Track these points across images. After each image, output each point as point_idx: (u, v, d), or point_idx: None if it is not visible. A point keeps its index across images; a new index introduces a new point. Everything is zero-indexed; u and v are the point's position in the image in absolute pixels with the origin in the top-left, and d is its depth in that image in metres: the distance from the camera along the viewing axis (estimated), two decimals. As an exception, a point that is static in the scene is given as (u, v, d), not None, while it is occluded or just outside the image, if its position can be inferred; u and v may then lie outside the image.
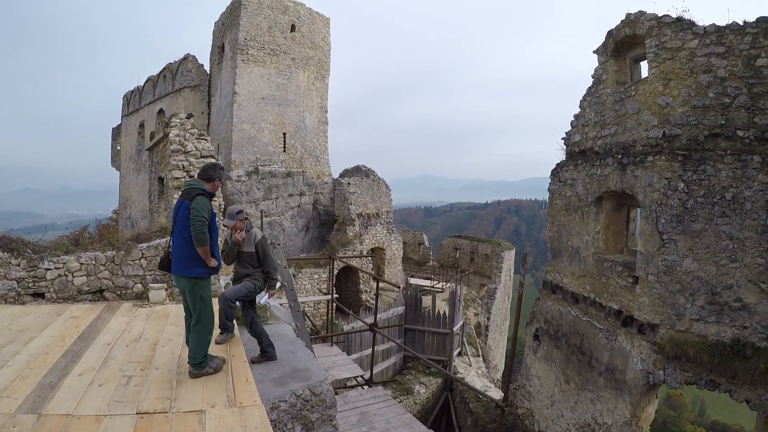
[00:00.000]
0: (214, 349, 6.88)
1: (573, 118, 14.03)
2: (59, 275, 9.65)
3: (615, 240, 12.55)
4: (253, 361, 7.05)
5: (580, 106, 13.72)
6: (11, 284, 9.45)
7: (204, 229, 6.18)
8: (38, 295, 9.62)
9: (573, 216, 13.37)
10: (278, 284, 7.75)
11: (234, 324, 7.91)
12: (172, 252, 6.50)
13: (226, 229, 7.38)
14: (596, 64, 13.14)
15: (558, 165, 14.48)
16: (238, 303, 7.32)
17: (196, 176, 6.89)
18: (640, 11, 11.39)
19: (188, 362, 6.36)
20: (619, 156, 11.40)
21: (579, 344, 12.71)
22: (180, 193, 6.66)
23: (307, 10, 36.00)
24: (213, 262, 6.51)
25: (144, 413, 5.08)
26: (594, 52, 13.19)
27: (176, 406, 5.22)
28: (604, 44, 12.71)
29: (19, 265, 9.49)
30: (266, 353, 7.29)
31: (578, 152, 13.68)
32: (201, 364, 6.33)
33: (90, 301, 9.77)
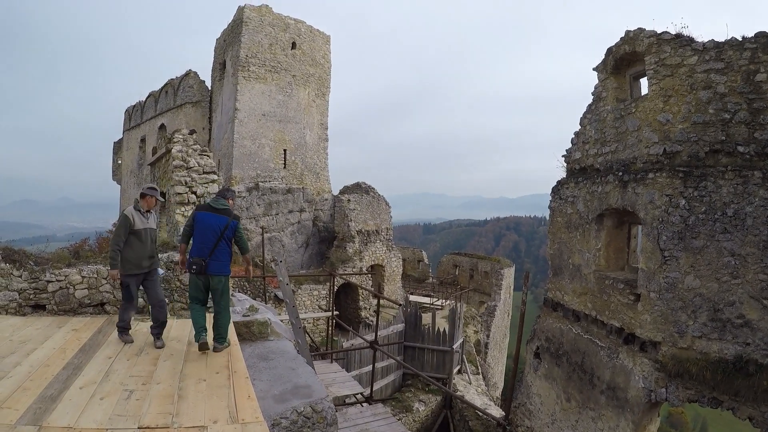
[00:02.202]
0: (216, 365, 6.87)
1: (573, 136, 14.04)
2: (61, 287, 9.60)
3: (616, 257, 12.50)
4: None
5: (580, 124, 13.73)
6: (12, 295, 9.39)
7: (247, 243, 8.11)
8: (39, 307, 9.56)
9: (574, 233, 13.33)
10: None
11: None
12: (217, 257, 7.66)
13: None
14: (596, 81, 13.16)
15: (559, 182, 14.46)
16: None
17: (216, 195, 8.27)
18: (639, 28, 11.43)
19: (213, 340, 7.67)
20: (620, 173, 11.39)
21: (580, 362, 12.62)
22: (211, 208, 7.92)
23: (307, 28, 36.29)
24: (251, 264, 8.39)
25: (146, 428, 5.01)
26: (594, 69, 13.22)
27: (178, 421, 5.16)
28: (604, 61, 12.74)
29: (20, 276, 9.45)
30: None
31: (579, 169, 13.67)
32: (223, 338, 7.68)
33: (91, 314, 9.70)
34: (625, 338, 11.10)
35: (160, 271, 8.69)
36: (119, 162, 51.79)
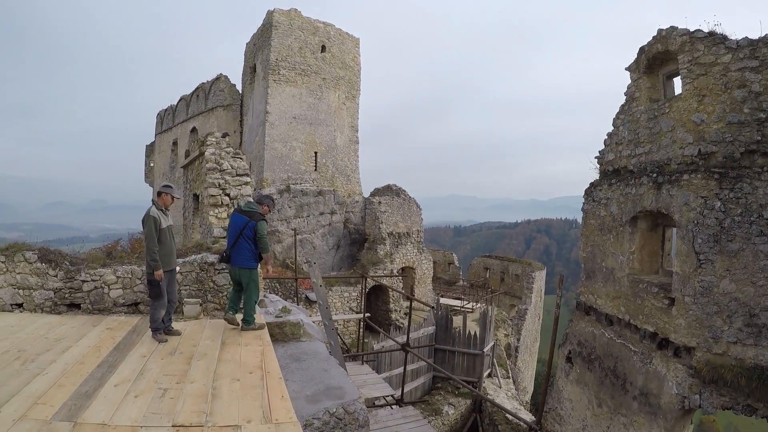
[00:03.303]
0: (249, 365, 6.93)
1: (606, 137, 13.88)
2: (95, 287, 9.76)
3: (650, 260, 12.32)
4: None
5: (613, 125, 13.57)
6: (48, 294, 9.61)
7: (268, 244, 8.84)
8: (74, 306, 9.74)
9: (607, 236, 13.18)
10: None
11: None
12: (237, 252, 8.72)
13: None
14: (629, 81, 13.00)
15: (592, 184, 14.30)
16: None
17: (253, 200, 9.44)
18: (671, 27, 11.25)
19: (241, 320, 8.76)
20: (654, 175, 11.23)
21: (613, 367, 12.46)
22: (239, 209, 9.04)
23: (336, 31, 36.44)
24: (270, 264, 9.33)
25: (180, 426, 5.03)
26: (626, 69, 13.06)
27: (212, 420, 5.18)
28: (637, 61, 12.58)
29: (56, 276, 9.65)
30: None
31: (612, 171, 13.51)
32: (247, 321, 8.66)
33: (125, 313, 9.83)
34: (658, 343, 10.93)
35: (177, 269, 8.93)
36: (151, 165, 52.43)
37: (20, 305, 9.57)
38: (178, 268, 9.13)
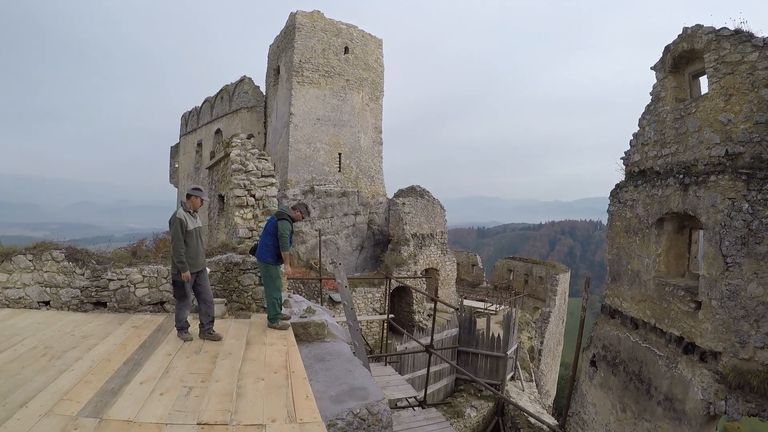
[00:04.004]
0: (274, 364, 6.97)
1: (632, 137, 13.75)
2: (121, 286, 9.91)
3: (677, 263, 12.17)
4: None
5: (639, 125, 13.45)
6: (75, 292, 9.80)
7: (286, 242, 9.03)
8: (100, 304, 9.90)
9: (633, 238, 13.06)
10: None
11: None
12: (260, 246, 9.24)
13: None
14: (654, 80, 12.88)
15: (617, 185, 14.18)
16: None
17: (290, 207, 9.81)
18: (697, 25, 11.11)
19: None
20: (681, 176, 11.10)
21: (638, 371, 12.33)
22: (273, 212, 9.83)
23: (359, 32, 36.55)
24: (288, 263, 9.36)
25: (204, 424, 5.09)
26: (652, 68, 12.92)
27: (237, 419, 5.22)
28: (662, 60, 12.45)
29: (83, 274, 9.82)
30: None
31: (638, 172, 13.38)
32: (271, 319, 9.03)
33: (151, 312, 9.96)
34: (684, 348, 10.78)
35: (207, 269, 8.95)
36: (176, 166, 52.90)
37: (47, 303, 9.77)
38: (209, 270, 9.15)
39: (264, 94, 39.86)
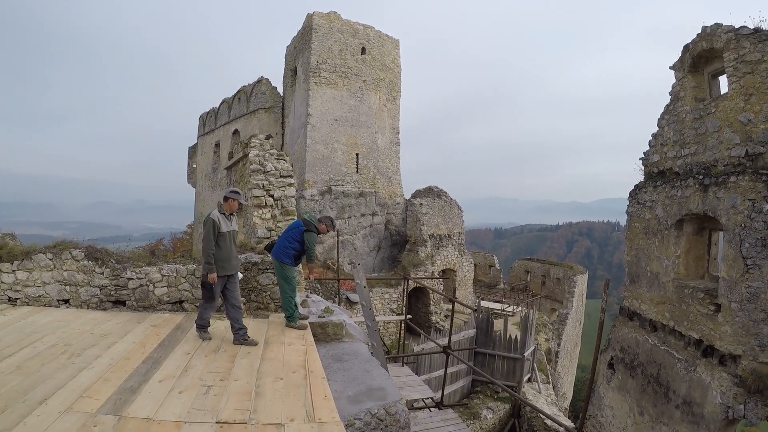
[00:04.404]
0: (292, 364, 7.01)
1: (651, 138, 13.65)
2: (141, 285, 9.99)
3: (696, 265, 12.07)
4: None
5: (658, 125, 13.36)
6: (94, 291, 9.92)
7: (313, 255, 9.35)
8: (119, 303, 9.99)
9: (652, 239, 12.97)
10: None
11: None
12: (278, 244, 9.24)
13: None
14: (674, 80, 12.79)
15: (636, 186, 14.09)
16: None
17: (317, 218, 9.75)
18: (716, 23, 11.02)
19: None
20: (700, 176, 11.01)
21: (656, 374, 12.24)
22: (302, 217, 9.72)
23: (376, 33, 36.57)
24: (309, 270, 9.95)
25: (223, 423, 5.12)
26: (671, 67, 12.83)
27: (255, 418, 5.23)
28: (681, 59, 12.36)
29: (102, 273, 9.93)
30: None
31: (657, 173, 13.29)
32: (288, 318, 9.07)
33: (169, 311, 10.02)
34: (703, 351, 10.69)
35: (239, 274, 8.94)
36: (194, 166, 53.20)
37: (66, 301, 9.88)
38: (240, 275, 9.15)
39: (281, 94, 39.96)
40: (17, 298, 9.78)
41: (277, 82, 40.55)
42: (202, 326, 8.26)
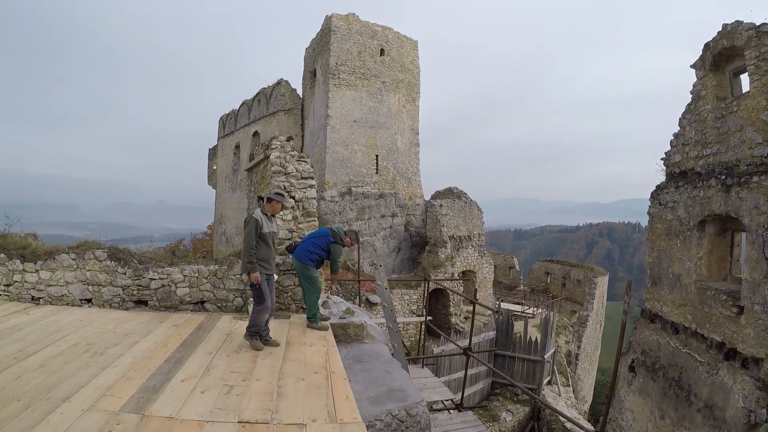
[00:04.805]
0: (314, 365, 7.07)
1: (672, 137, 13.55)
2: (163, 285, 10.15)
3: (718, 267, 11.95)
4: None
5: (679, 125, 13.25)
6: (117, 291, 10.12)
7: (338, 267, 9.59)
8: (141, 303, 10.17)
9: (674, 241, 12.87)
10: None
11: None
12: (302, 246, 9.22)
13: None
14: (695, 79, 12.69)
15: (658, 187, 13.98)
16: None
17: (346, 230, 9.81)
18: (736, 21, 10.91)
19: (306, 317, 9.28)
20: (723, 176, 10.91)
21: (677, 378, 12.13)
22: (329, 226, 9.72)
23: (395, 34, 36.60)
24: (332, 280, 10.22)
25: (245, 422, 5.16)
26: (691, 66, 12.72)
27: (277, 418, 5.26)
28: (702, 58, 12.25)
29: (125, 273, 10.12)
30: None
31: (679, 173, 13.19)
32: (310, 318, 9.12)
33: (191, 311, 10.16)
34: (726, 354, 10.57)
35: (275, 276, 8.97)
36: (214, 167, 53.52)
37: (89, 300, 10.08)
38: (276, 277, 9.13)
39: (301, 96, 40.06)
40: (40, 297, 10.00)
41: (297, 84, 40.76)
42: (256, 333, 7.99)
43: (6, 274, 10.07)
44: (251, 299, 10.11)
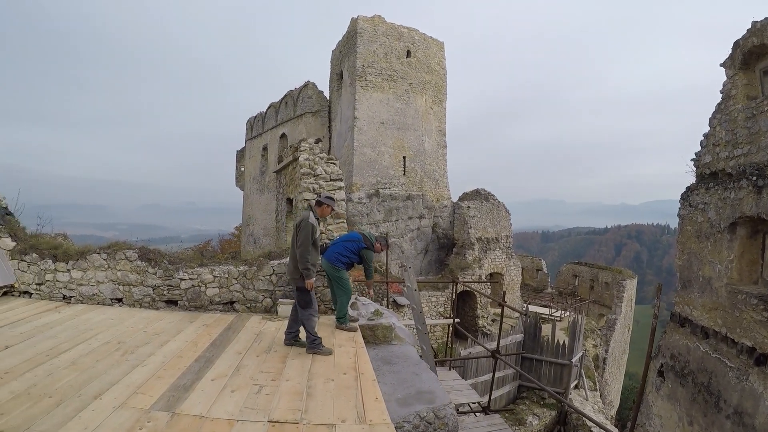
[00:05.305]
0: (343, 365, 7.15)
1: (702, 138, 13.39)
2: (192, 285, 10.30)
3: (750, 270, 11.77)
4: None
5: (709, 125, 13.09)
6: (147, 291, 10.31)
7: (372, 272, 9.62)
8: (171, 302, 10.34)
9: (704, 243, 12.72)
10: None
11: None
12: (333, 249, 9.09)
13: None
14: (725, 78, 12.54)
15: (688, 188, 13.82)
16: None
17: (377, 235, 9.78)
18: (766, 18, 10.79)
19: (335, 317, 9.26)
20: (754, 178, 10.75)
21: (707, 383, 11.98)
22: (362, 231, 9.64)
23: (421, 36, 36.63)
24: (371, 289, 10.35)
25: (275, 422, 5.21)
26: (721, 65, 12.55)
27: (307, 418, 5.31)
28: (731, 56, 12.08)
29: (155, 274, 10.31)
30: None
31: (709, 174, 13.02)
32: (339, 319, 9.10)
33: (221, 311, 10.29)
34: (756, 359, 10.42)
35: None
36: (242, 169, 53.92)
37: (120, 300, 10.30)
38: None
39: (327, 98, 40.25)
40: (72, 296, 10.23)
41: (323, 87, 40.98)
42: (315, 341, 7.86)
43: (38, 274, 10.35)
44: (280, 300, 10.24)
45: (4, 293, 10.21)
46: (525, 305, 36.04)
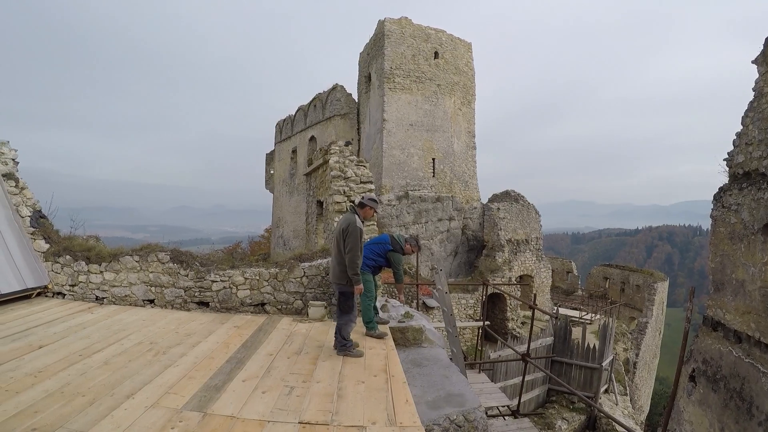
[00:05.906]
0: (374, 368, 7.20)
1: (735, 137, 13.20)
2: (224, 287, 10.46)
3: (784, 274, 11.64)
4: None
5: (742, 123, 12.87)
6: (179, 292, 10.51)
7: (402, 276, 9.61)
8: (203, 304, 10.51)
9: (738, 245, 12.54)
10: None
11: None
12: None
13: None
14: (756, 75, 12.34)
15: (721, 189, 13.61)
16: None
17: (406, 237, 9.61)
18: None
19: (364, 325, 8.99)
20: (788, 180, 10.63)
21: (739, 389, 11.83)
22: (391, 233, 9.60)
23: (448, 37, 36.59)
24: (402, 294, 10.33)
25: (306, 423, 5.27)
26: (753, 62, 12.37)
27: (337, 420, 5.36)
28: (763, 53, 11.86)
29: (187, 275, 10.49)
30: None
31: (742, 174, 12.82)
32: (368, 325, 8.89)
33: (251, 312, 10.42)
34: (791, 365, 10.33)
35: None
36: (272, 172, 54.29)
37: (152, 301, 10.52)
38: None
39: (356, 101, 40.41)
40: (104, 297, 10.48)
41: (352, 89, 41.15)
42: (346, 344, 7.87)
43: (71, 275, 10.64)
44: (311, 302, 10.33)
45: (38, 294, 10.48)
46: (555, 308, 35.81)
